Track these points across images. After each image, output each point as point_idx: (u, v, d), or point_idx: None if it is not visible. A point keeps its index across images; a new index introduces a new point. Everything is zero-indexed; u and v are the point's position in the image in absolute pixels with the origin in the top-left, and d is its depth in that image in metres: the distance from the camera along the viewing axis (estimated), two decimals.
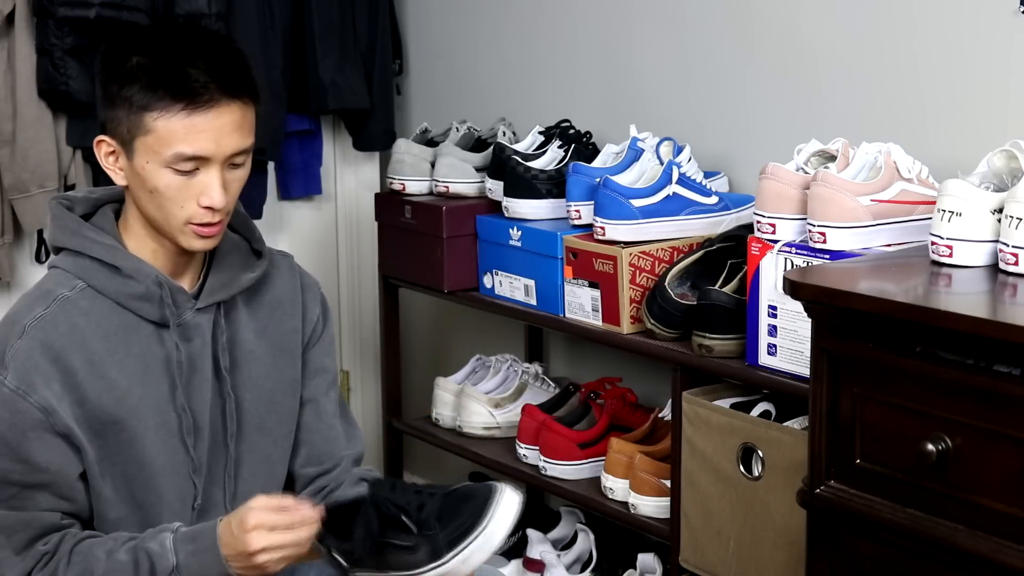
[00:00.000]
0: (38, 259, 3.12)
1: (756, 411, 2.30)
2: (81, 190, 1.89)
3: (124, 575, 1.72)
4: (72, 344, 1.77)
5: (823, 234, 2.11)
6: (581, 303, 2.60)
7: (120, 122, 1.76)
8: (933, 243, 1.88)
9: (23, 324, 1.77)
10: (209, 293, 1.86)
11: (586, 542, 2.90)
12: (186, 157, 1.74)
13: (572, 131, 2.83)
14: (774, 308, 2.22)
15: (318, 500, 1.95)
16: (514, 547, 2.94)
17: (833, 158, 2.21)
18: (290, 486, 2.00)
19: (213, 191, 1.76)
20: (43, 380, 1.74)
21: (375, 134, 3.35)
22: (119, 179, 1.81)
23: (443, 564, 1.67)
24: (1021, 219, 1.77)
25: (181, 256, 1.84)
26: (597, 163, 2.66)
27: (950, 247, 1.85)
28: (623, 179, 2.54)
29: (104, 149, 1.80)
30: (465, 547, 1.67)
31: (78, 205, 1.86)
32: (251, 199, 3.02)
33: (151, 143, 1.74)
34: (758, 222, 2.23)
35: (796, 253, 2.16)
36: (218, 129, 1.74)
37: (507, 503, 1.69)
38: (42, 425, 1.74)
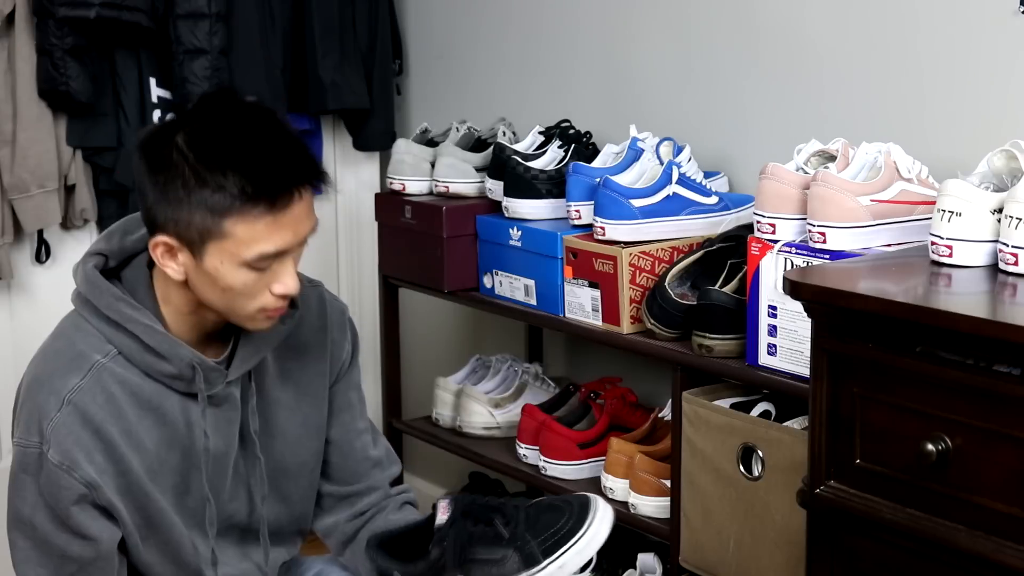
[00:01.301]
0: (38, 259, 3.12)
1: (756, 411, 2.30)
2: (114, 233, 1.79)
3: None
4: (110, 416, 1.73)
5: (823, 234, 2.11)
6: (581, 303, 2.60)
7: (189, 225, 1.65)
8: (933, 243, 1.88)
9: (61, 395, 1.72)
10: (242, 361, 1.80)
11: None
12: (269, 256, 1.67)
13: (572, 131, 2.83)
14: (774, 308, 2.22)
15: (360, 523, 1.95)
16: None
17: (833, 158, 2.21)
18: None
19: (290, 280, 1.70)
20: (85, 454, 1.72)
21: (375, 134, 3.35)
22: (176, 275, 1.70)
23: (540, 571, 1.65)
24: (1021, 219, 1.77)
25: (222, 322, 1.78)
26: (597, 163, 2.66)
27: (950, 247, 1.85)
28: (623, 179, 2.54)
29: (161, 250, 1.69)
30: (563, 553, 1.65)
31: (112, 257, 1.78)
32: None
33: (229, 247, 1.65)
34: (758, 222, 2.23)
35: (796, 253, 2.16)
36: (296, 220, 1.68)
37: (604, 512, 1.68)
38: (86, 499, 1.73)
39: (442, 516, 1.70)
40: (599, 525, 1.67)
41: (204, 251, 1.66)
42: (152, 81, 3.06)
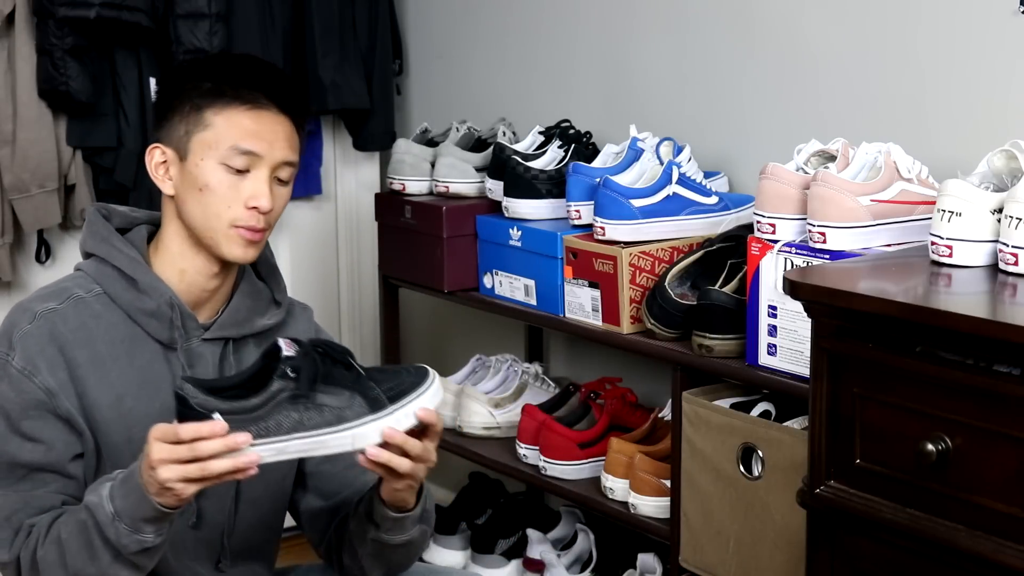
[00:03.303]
0: (38, 259, 3.12)
1: (756, 411, 2.30)
2: (123, 207, 1.94)
3: (79, 535, 1.70)
4: (78, 340, 1.79)
5: (823, 234, 2.11)
6: (581, 303, 2.60)
7: (177, 126, 1.82)
8: (933, 243, 1.88)
9: (34, 311, 1.80)
10: (220, 327, 1.87)
11: (586, 542, 2.90)
12: (242, 151, 1.79)
13: (572, 131, 2.83)
14: (774, 308, 2.22)
15: (343, 529, 1.91)
16: (514, 547, 2.94)
17: (833, 158, 2.21)
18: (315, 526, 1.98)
19: (261, 193, 1.80)
20: (48, 366, 1.77)
21: (375, 134, 3.35)
22: (167, 188, 1.84)
23: (387, 414, 1.63)
24: (1021, 219, 1.77)
25: (210, 280, 1.85)
26: (597, 163, 2.66)
27: (950, 247, 1.85)
28: (623, 179, 2.54)
29: (156, 158, 1.84)
30: (409, 401, 1.64)
31: (115, 217, 1.90)
32: None
33: (208, 138, 1.80)
34: (758, 222, 2.23)
35: (796, 253, 2.16)
36: (273, 133, 1.82)
37: (438, 378, 1.69)
38: (44, 406, 1.76)
39: (288, 350, 1.64)
40: (438, 385, 1.68)
41: (189, 148, 1.81)
42: (152, 81, 3.06)
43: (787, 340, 2.20)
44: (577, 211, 2.62)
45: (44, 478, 1.78)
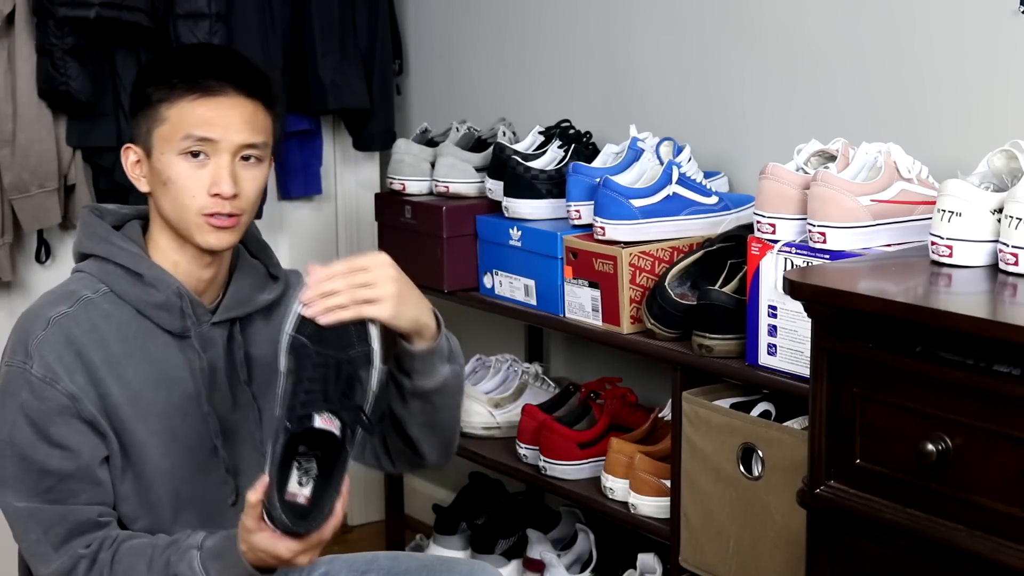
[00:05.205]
0: (38, 259, 3.12)
1: (756, 411, 2.30)
2: (111, 205, 1.97)
3: None
4: (93, 342, 1.80)
5: (823, 234, 2.11)
6: (581, 303, 2.60)
7: (141, 124, 1.85)
8: (933, 243, 1.88)
9: (47, 317, 1.80)
10: (225, 309, 1.90)
11: (586, 542, 2.90)
12: (195, 138, 1.80)
13: (572, 131, 2.83)
14: (774, 308, 2.22)
15: None
16: (514, 547, 2.94)
17: (833, 158, 2.21)
18: None
19: (221, 179, 1.81)
20: (67, 371, 1.78)
21: (375, 134, 3.35)
22: (142, 185, 1.88)
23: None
24: (1021, 219, 1.77)
25: (203, 269, 1.87)
26: (597, 163, 2.66)
27: (950, 247, 1.85)
28: (623, 179, 2.54)
29: (131, 158, 1.88)
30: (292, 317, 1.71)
31: (108, 216, 1.91)
32: None
33: (166, 132, 1.82)
34: (758, 222, 2.23)
35: (796, 253, 2.16)
36: (226, 116, 1.82)
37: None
38: (69, 411, 1.77)
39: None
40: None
41: (152, 144, 1.84)
42: None
43: (787, 340, 2.20)
44: (577, 211, 2.62)
45: (73, 488, 1.78)
